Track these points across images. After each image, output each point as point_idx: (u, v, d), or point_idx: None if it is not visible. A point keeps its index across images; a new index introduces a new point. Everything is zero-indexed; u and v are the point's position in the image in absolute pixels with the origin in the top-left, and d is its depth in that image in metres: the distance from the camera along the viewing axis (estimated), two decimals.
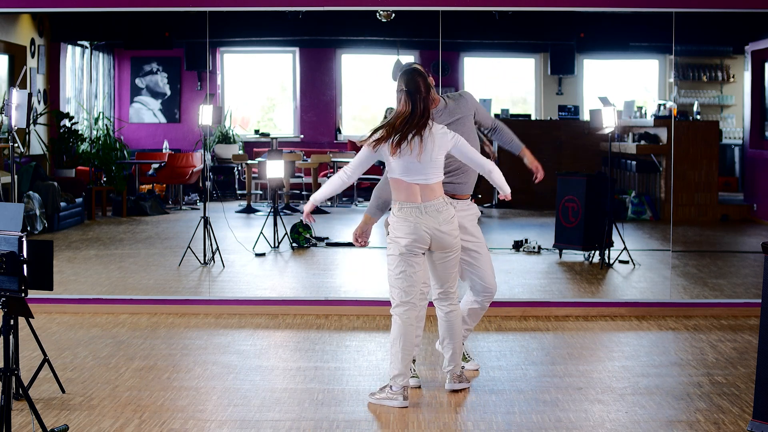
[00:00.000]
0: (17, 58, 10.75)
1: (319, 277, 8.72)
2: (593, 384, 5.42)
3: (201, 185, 11.54)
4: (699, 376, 5.58)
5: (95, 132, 11.88)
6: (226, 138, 12.49)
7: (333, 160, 11.88)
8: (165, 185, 12.26)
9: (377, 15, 9.54)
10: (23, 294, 4.00)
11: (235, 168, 12.05)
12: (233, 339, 6.47)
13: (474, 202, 5.52)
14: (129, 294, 7.58)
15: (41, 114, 11.03)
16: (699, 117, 12.28)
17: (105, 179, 11.61)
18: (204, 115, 9.20)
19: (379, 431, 4.65)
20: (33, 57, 10.97)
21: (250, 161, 11.49)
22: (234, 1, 7.60)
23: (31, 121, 10.15)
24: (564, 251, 9.47)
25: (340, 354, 6.11)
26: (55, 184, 10.53)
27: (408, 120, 4.88)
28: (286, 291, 8.16)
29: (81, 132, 11.55)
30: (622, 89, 12.54)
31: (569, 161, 11.08)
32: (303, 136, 12.76)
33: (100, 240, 10.31)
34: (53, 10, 8.26)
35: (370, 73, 13.25)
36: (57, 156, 11.32)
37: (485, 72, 13.22)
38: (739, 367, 5.75)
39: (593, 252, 9.16)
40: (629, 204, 11.14)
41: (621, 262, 8.87)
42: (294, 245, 9.75)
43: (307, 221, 5.15)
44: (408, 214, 4.92)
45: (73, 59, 11.72)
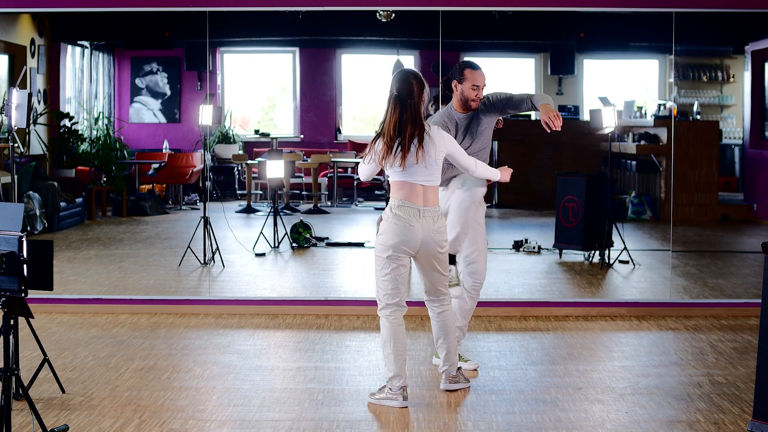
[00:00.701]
0: (17, 58, 10.75)
1: (319, 277, 8.72)
2: (593, 384, 5.42)
3: (201, 185, 11.54)
4: (699, 376, 5.58)
5: (95, 132, 11.88)
6: (226, 138, 12.49)
7: (333, 160, 11.88)
8: (165, 185, 12.25)
9: (377, 15, 9.54)
10: (23, 294, 4.00)
11: (235, 168, 12.05)
12: (233, 339, 6.47)
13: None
14: (129, 294, 7.58)
15: (41, 114, 11.03)
16: (699, 117, 12.28)
17: (105, 179, 11.61)
18: (204, 115, 9.19)
19: (379, 431, 4.65)
20: (33, 57, 10.97)
21: (250, 161, 11.49)
22: (234, 1, 7.59)
23: (31, 121, 10.16)
24: (564, 251, 9.47)
25: (340, 354, 6.11)
26: (55, 184, 10.53)
27: (400, 128, 4.85)
28: (286, 291, 8.16)
29: (81, 132, 11.55)
30: (622, 89, 12.53)
31: (569, 161, 11.07)
32: (303, 136, 12.76)
33: (100, 240, 10.31)
34: (53, 10, 8.25)
35: (370, 73, 13.25)
36: (57, 156, 11.32)
37: (485, 72, 13.20)
38: (739, 367, 5.75)
39: (593, 252, 9.16)
40: (629, 204, 11.14)
41: (621, 262, 8.87)
42: (294, 245, 9.75)
43: None
44: (407, 213, 4.90)
45: (73, 59, 11.72)
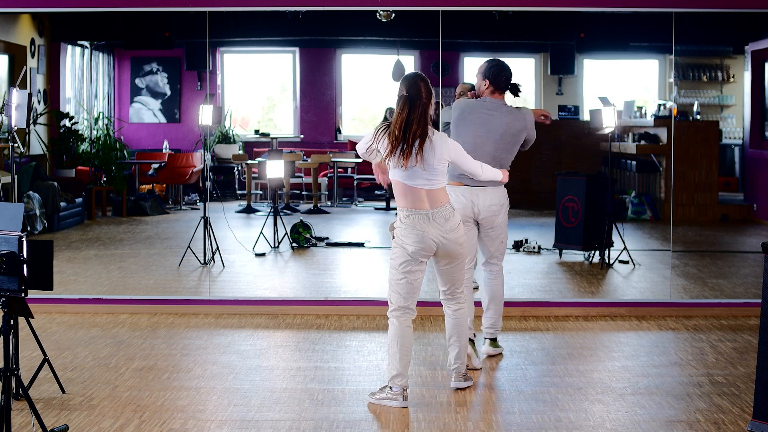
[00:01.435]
0: (17, 58, 10.75)
1: (319, 277, 8.72)
2: (593, 384, 5.42)
3: (201, 185, 11.55)
4: (699, 376, 5.58)
5: (95, 132, 11.88)
6: (226, 138, 12.49)
7: (333, 160, 11.88)
8: (165, 185, 12.26)
9: (377, 15, 9.54)
10: (23, 294, 4.00)
11: (235, 168, 12.05)
12: (233, 339, 6.47)
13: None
14: (129, 294, 7.58)
15: (41, 114, 11.03)
16: (699, 117, 12.28)
17: (105, 179, 11.61)
18: (204, 115, 9.19)
19: (379, 431, 4.65)
20: (33, 57, 10.97)
21: (250, 161, 11.49)
22: (234, 1, 7.59)
23: (31, 121, 10.16)
24: (564, 251, 9.47)
25: (340, 354, 6.11)
26: (55, 184, 10.53)
27: (406, 127, 4.86)
28: (286, 291, 8.15)
29: (81, 132, 11.55)
30: (622, 89, 12.53)
31: (569, 161, 11.07)
32: (303, 136, 12.76)
33: (100, 240, 10.30)
34: (53, 10, 8.25)
35: (370, 73, 13.24)
36: (57, 156, 11.32)
37: (476, 70, 13.19)
38: (739, 367, 5.75)
39: (593, 252, 9.16)
40: (629, 204, 11.14)
41: (621, 262, 8.87)
42: (294, 245, 9.75)
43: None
44: (415, 221, 4.91)
45: (73, 59, 11.72)
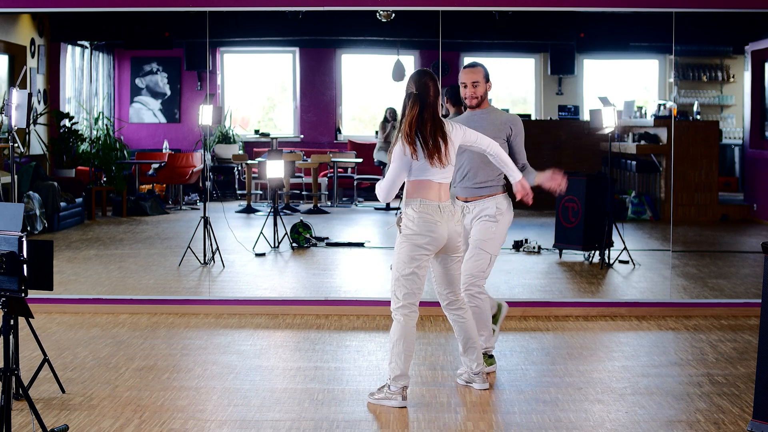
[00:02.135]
0: (17, 58, 10.76)
1: (319, 277, 8.72)
2: (593, 384, 5.42)
3: (201, 185, 11.55)
4: (699, 376, 5.58)
5: (95, 132, 11.88)
6: (226, 138, 12.50)
7: (333, 160, 11.88)
8: (165, 185, 12.26)
9: (377, 15, 9.54)
10: (23, 294, 4.00)
11: (235, 168, 12.06)
12: (233, 339, 6.47)
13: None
14: (129, 294, 7.58)
15: (41, 114, 11.03)
16: (699, 117, 12.28)
17: (105, 179, 11.62)
18: (204, 115, 9.20)
19: (379, 431, 4.65)
20: (33, 57, 10.98)
21: (250, 161, 11.50)
22: (234, 1, 7.59)
23: (31, 121, 10.16)
24: (564, 251, 9.47)
25: (340, 354, 6.11)
26: (55, 184, 10.53)
27: (419, 124, 4.88)
28: (286, 291, 8.15)
29: (81, 132, 11.55)
30: (622, 89, 12.55)
31: (569, 161, 11.08)
32: (303, 136, 12.77)
33: (100, 240, 10.30)
34: (53, 10, 8.25)
35: (370, 73, 13.25)
36: (57, 156, 11.32)
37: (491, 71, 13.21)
38: (739, 367, 5.75)
39: (593, 252, 9.16)
40: (629, 204, 11.14)
41: (621, 262, 8.87)
42: (294, 245, 9.75)
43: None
44: (430, 211, 4.93)
45: (73, 59, 11.72)
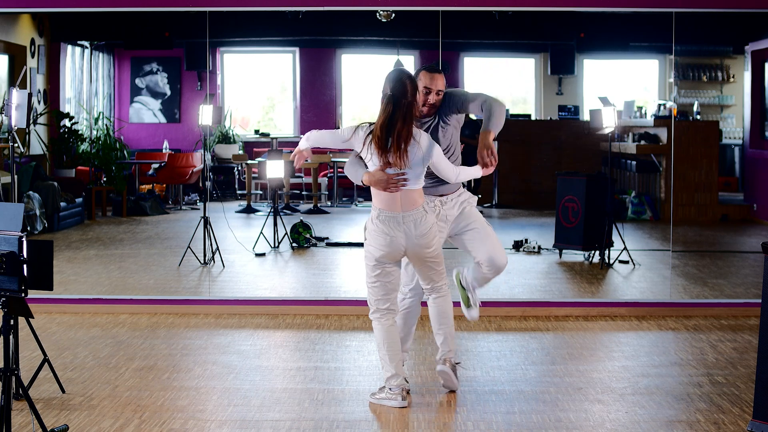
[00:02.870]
0: (17, 58, 10.75)
1: (319, 277, 8.72)
2: (593, 384, 5.42)
3: (201, 185, 11.55)
4: (699, 376, 5.58)
5: (95, 132, 11.88)
6: (226, 138, 12.49)
7: (333, 160, 11.88)
8: (165, 185, 12.26)
9: (377, 15, 9.54)
10: (23, 294, 4.00)
11: (235, 168, 12.05)
12: (233, 339, 6.47)
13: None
14: (129, 294, 7.58)
15: (41, 114, 11.03)
16: (699, 117, 12.28)
17: (105, 179, 11.62)
18: (204, 115, 9.20)
19: (379, 431, 4.65)
20: (33, 57, 10.97)
21: (250, 161, 11.49)
22: (234, 1, 7.59)
23: (31, 121, 10.16)
24: (564, 251, 9.46)
25: (340, 354, 6.11)
26: (55, 184, 10.53)
27: (389, 127, 4.73)
28: (286, 291, 8.16)
29: (81, 132, 11.55)
30: (622, 89, 12.54)
31: (569, 161, 11.07)
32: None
33: (100, 240, 10.31)
34: (53, 10, 8.26)
35: (370, 73, 13.25)
36: (57, 156, 11.32)
37: (485, 72, 13.23)
38: (739, 367, 5.75)
39: (593, 252, 9.16)
40: (629, 204, 11.14)
41: (621, 262, 8.87)
42: (294, 245, 9.75)
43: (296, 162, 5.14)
44: (385, 224, 4.82)
45: (73, 59, 11.72)
